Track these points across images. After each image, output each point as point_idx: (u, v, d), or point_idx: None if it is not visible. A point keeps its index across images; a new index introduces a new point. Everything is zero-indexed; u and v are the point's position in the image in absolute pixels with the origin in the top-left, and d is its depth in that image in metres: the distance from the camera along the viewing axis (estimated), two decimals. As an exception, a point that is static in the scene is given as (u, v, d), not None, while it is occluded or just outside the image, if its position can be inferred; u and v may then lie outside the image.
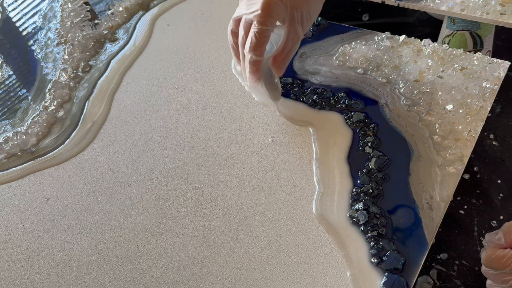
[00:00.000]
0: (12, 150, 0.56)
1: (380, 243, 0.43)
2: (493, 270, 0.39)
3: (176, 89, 0.60)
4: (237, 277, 0.43)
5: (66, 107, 0.61)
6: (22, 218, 0.50)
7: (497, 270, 0.38)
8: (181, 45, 0.66)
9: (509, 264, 0.38)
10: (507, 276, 0.38)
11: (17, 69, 0.69)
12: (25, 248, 0.48)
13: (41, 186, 0.53)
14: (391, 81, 0.55)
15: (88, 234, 0.48)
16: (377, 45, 0.59)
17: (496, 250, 0.39)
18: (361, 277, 0.41)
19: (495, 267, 0.39)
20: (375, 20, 0.75)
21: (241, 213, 0.47)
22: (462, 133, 0.49)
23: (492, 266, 0.39)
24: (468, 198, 0.52)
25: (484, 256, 0.40)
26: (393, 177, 0.47)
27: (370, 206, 0.45)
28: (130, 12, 0.72)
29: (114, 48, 0.67)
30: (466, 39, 0.63)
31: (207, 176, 0.51)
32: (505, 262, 0.38)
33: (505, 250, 0.38)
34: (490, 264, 0.39)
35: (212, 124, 0.56)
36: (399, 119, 0.52)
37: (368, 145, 0.50)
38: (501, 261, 0.38)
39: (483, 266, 0.40)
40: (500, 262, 0.38)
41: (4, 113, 0.63)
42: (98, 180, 0.52)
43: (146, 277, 0.44)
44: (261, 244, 0.45)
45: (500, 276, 0.38)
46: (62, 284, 0.45)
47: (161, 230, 0.47)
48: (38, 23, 0.74)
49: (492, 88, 0.52)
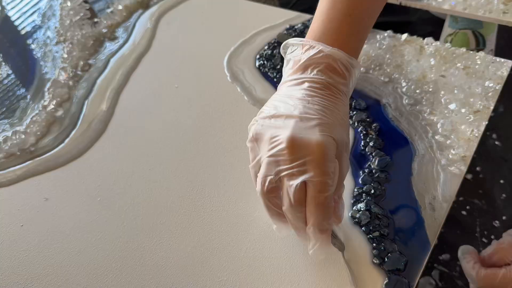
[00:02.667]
0: (11, 150, 0.56)
1: (382, 243, 0.42)
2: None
3: (176, 88, 0.60)
4: (237, 277, 0.43)
5: (65, 106, 0.60)
6: (21, 218, 0.50)
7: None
8: (181, 43, 0.65)
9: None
10: None
11: (16, 68, 0.69)
12: (25, 248, 0.47)
13: (40, 186, 0.52)
14: (393, 80, 0.55)
15: (88, 234, 0.47)
16: (379, 43, 0.58)
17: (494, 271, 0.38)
18: (363, 278, 0.41)
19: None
20: (377, 19, 0.74)
21: (242, 213, 0.47)
22: (465, 133, 0.49)
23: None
24: (471, 198, 0.52)
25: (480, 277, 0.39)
26: (395, 177, 0.47)
27: (372, 206, 0.45)
28: (130, 11, 0.71)
29: (113, 47, 0.67)
30: (469, 38, 0.63)
31: (207, 176, 0.51)
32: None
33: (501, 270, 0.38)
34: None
35: (213, 123, 0.55)
36: (401, 119, 0.51)
37: (370, 144, 0.49)
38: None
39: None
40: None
41: (3, 113, 0.62)
42: (97, 180, 0.52)
43: (146, 277, 0.44)
44: (262, 244, 0.45)
45: None
46: (62, 284, 0.44)
47: (161, 230, 0.47)
48: (37, 21, 0.74)
49: (495, 87, 0.51)
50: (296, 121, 0.36)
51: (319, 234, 0.36)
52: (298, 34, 0.62)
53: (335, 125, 0.37)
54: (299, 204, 0.36)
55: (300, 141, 0.35)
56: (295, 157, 0.35)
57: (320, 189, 0.35)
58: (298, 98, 0.38)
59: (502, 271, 0.38)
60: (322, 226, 0.36)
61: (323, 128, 0.36)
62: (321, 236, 0.37)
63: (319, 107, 0.37)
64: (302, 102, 0.37)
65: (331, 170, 0.35)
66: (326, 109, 0.37)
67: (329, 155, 0.35)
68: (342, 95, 0.39)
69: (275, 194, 0.37)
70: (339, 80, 0.39)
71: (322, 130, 0.36)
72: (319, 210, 0.35)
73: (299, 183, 0.35)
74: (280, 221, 0.39)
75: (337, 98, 0.39)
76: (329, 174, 0.35)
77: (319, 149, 0.35)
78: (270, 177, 0.36)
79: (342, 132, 0.37)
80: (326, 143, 0.35)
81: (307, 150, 0.35)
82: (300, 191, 0.35)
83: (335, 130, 0.37)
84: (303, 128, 0.36)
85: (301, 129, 0.36)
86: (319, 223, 0.36)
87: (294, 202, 0.36)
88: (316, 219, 0.36)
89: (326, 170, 0.35)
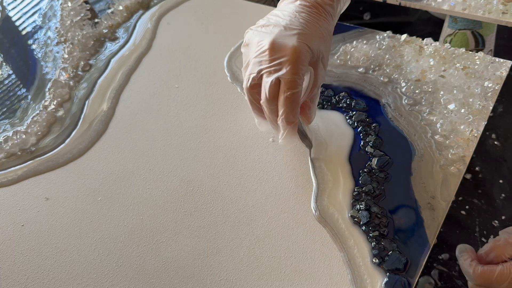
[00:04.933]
0: (11, 150, 0.56)
1: (382, 243, 0.42)
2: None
3: (176, 88, 0.60)
4: (237, 277, 0.43)
5: (66, 106, 0.60)
6: (22, 218, 0.50)
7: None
8: (181, 44, 0.65)
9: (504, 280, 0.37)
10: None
11: (17, 68, 0.69)
12: (25, 248, 0.47)
13: (41, 185, 0.52)
14: (392, 80, 0.55)
15: (88, 234, 0.48)
16: (379, 44, 0.58)
17: (491, 268, 0.38)
18: (363, 278, 0.41)
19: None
20: (376, 19, 0.75)
21: (242, 213, 0.47)
22: (464, 133, 0.49)
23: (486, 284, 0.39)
24: (470, 198, 0.52)
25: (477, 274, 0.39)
26: (394, 177, 0.47)
27: (371, 206, 0.45)
28: (130, 11, 0.72)
29: (114, 47, 0.67)
30: (468, 38, 0.63)
31: (208, 176, 0.51)
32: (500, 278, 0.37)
33: (498, 266, 0.38)
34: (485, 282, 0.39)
35: (213, 123, 0.56)
36: (400, 119, 0.51)
37: (370, 144, 0.50)
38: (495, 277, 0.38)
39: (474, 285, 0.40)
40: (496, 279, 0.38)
41: (4, 113, 0.62)
42: (98, 179, 0.52)
43: (146, 277, 0.44)
44: (262, 244, 0.45)
45: None
46: (62, 284, 0.44)
47: (161, 230, 0.47)
48: (38, 22, 0.74)
49: (494, 87, 0.52)
50: (280, 30, 0.43)
51: (286, 125, 0.43)
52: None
53: (313, 36, 0.44)
54: (273, 98, 0.43)
55: (279, 45, 0.42)
56: (273, 58, 0.42)
57: (290, 86, 0.42)
58: (288, 13, 0.45)
59: (498, 267, 0.38)
60: (288, 118, 0.43)
61: (301, 37, 0.43)
62: (287, 126, 0.44)
63: (303, 21, 0.44)
64: (290, 16, 0.44)
65: (302, 72, 0.42)
66: (309, 23, 0.44)
67: (302, 60, 0.42)
68: (327, 15, 0.46)
69: (256, 90, 0.45)
70: (326, 1, 0.46)
71: (299, 38, 0.42)
72: (286, 103, 0.42)
73: (274, 79, 0.42)
74: (260, 116, 0.47)
75: (321, 16, 0.45)
76: (299, 74, 0.42)
77: (293, 52, 0.42)
78: (253, 75, 0.44)
79: (319, 44, 0.44)
80: (301, 49, 0.42)
81: (284, 53, 0.42)
82: (274, 86, 0.42)
83: (312, 41, 0.43)
84: (284, 35, 0.43)
85: (282, 36, 0.43)
86: (286, 115, 0.43)
87: (269, 96, 0.43)
88: (284, 111, 0.43)
89: (297, 71, 0.42)
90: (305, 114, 0.47)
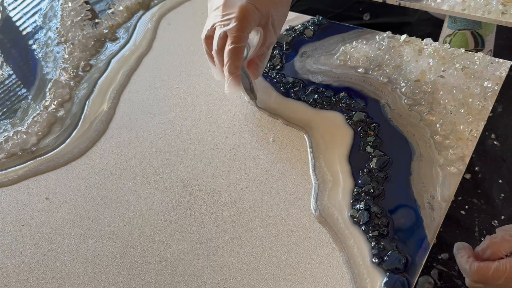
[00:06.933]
0: (12, 150, 0.56)
1: (381, 243, 0.42)
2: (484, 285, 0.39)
3: (176, 88, 0.60)
4: (237, 277, 0.43)
5: (66, 106, 0.61)
6: (22, 217, 0.50)
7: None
8: (182, 44, 0.66)
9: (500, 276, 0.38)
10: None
11: (17, 69, 0.69)
12: (25, 247, 0.47)
13: (42, 185, 0.52)
14: (392, 81, 0.55)
15: (88, 234, 0.48)
16: (378, 44, 0.58)
17: (487, 264, 0.39)
18: (363, 277, 0.41)
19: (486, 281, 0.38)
20: (376, 20, 0.75)
21: (242, 213, 0.47)
22: (464, 133, 0.49)
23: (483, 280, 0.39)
24: (469, 198, 0.52)
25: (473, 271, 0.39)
26: (394, 176, 0.47)
27: (371, 206, 0.45)
28: (131, 11, 0.72)
29: (114, 48, 0.67)
30: (468, 38, 0.63)
31: (208, 176, 0.51)
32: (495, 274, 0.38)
33: (495, 262, 0.38)
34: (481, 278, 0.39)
35: (213, 123, 0.56)
36: (400, 119, 0.52)
37: (369, 144, 0.50)
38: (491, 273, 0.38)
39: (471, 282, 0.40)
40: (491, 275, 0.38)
41: (4, 113, 0.62)
42: (98, 179, 0.52)
43: (146, 277, 0.44)
44: (262, 244, 0.45)
45: None
46: (62, 284, 0.44)
47: (161, 230, 0.47)
48: (38, 22, 0.74)
49: (494, 87, 0.52)
50: None
51: (229, 74, 0.48)
52: (297, 35, 0.62)
53: (264, 0, 0.48)
54: (220, 50, 0.48)
55: (230, 3, 0.47)
56: (224, 14, 0.47)
57: (233, 40, 0.47)
58: None
59: (494, 264, 0.38)
60: (230, 69, 0.48)
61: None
62: (230, 76, 0.48)
63: None
64: None
65: (247, 30, 0.47)
66: None
67: (248, 18, 0.46)
68: None
69: (210, 41, 0.50)
70: None
71: (249, 0, 0.47)
72: (230, 55, 0.47)
73: (222, 33, 0.47)
74: (214, 65, 0.51)
75: None
76: (243, 31, 0.46)
77: (240, 10, 0.46)
78: (208, 27, 0.49)
79: (269, 7, 0.48)
80: (247, 8, 0.47)
81: (233, 10, 0.47)
82: (223, 39, 0.48)
83: (262, 4, 0.48)
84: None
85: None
86: (229, 66, 0.47)
87: (217, 47, 0.48)
88: (227, 61, 0.47)
89: (241, 28, 0.46)
90: (252, 69, 0.52)
